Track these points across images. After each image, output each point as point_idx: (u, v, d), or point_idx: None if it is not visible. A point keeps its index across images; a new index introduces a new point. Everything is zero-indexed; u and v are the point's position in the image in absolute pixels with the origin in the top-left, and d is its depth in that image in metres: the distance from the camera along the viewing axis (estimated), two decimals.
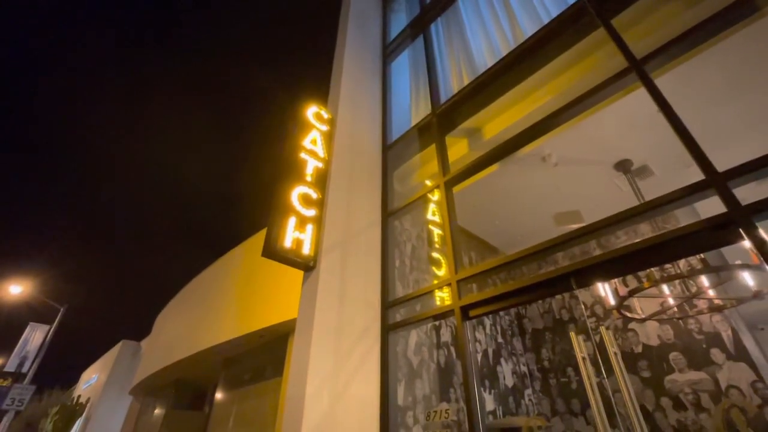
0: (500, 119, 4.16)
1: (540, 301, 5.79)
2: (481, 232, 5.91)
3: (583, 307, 5.25)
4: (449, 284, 3.21)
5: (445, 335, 4.43)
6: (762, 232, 1.83)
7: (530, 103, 3.85)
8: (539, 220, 5.10)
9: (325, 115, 4.48)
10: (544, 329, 5.57)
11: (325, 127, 4.38)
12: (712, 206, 2.06)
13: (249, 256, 6.78)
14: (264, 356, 6.03)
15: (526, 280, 2.67)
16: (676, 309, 3.68)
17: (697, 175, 2.15)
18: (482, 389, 4.50)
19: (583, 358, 5.02)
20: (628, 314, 3.70)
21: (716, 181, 2.06)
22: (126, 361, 13.59)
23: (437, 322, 4.42)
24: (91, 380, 14.82)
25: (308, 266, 3.41)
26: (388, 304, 3.67)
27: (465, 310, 2.98)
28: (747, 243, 1.89)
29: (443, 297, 3.42)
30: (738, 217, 1.93)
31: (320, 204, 3.75)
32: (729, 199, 1.98)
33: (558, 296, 5.63)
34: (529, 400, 5.17)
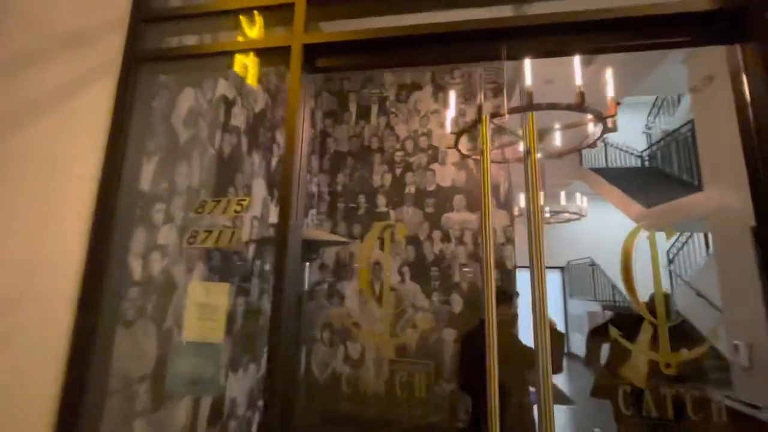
0: None
1: (352, 123, 5.05)
2: None
3: (395, 139, 4.86)
4: (288, 4, 1.75)
5: (239, 118, 3.01)
6: None
7: None
8: None
9: None
10: (348, 153, 4.98)
11: None
12: None
13: None
14: None
15: (436, 28, 1.59)
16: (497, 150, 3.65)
17: None
18: (269, 198, 3.58)
19: (381, 186, 4.85)
20: (459, 150, 3.37)
21: None
22: None
23: (231, 97, 2.91)
24: None
25: None
26: (147, 15, 1.87)
27: (310, 52, 1.68)
28: (739, 51, 1.41)
29: (270, 32, 1.94)
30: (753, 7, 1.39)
31: None
32: None
33: (372, 123, 5.02)
34: (311, 219, 4.72)
